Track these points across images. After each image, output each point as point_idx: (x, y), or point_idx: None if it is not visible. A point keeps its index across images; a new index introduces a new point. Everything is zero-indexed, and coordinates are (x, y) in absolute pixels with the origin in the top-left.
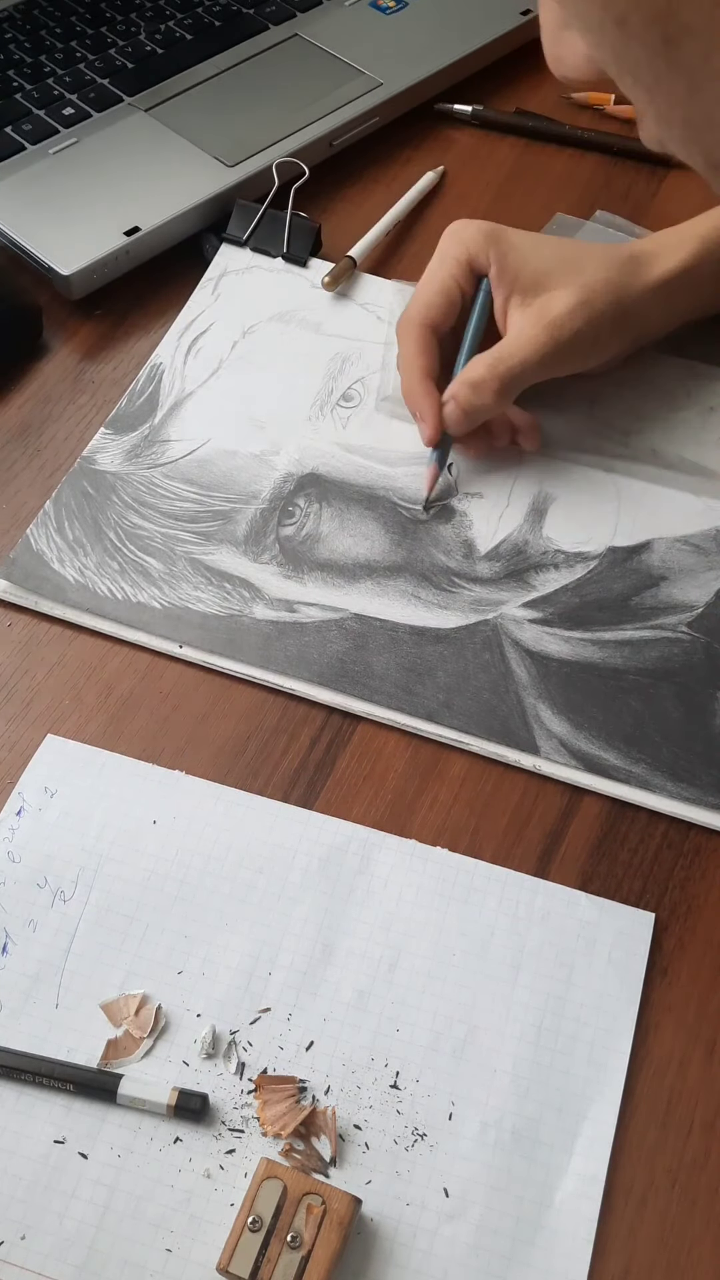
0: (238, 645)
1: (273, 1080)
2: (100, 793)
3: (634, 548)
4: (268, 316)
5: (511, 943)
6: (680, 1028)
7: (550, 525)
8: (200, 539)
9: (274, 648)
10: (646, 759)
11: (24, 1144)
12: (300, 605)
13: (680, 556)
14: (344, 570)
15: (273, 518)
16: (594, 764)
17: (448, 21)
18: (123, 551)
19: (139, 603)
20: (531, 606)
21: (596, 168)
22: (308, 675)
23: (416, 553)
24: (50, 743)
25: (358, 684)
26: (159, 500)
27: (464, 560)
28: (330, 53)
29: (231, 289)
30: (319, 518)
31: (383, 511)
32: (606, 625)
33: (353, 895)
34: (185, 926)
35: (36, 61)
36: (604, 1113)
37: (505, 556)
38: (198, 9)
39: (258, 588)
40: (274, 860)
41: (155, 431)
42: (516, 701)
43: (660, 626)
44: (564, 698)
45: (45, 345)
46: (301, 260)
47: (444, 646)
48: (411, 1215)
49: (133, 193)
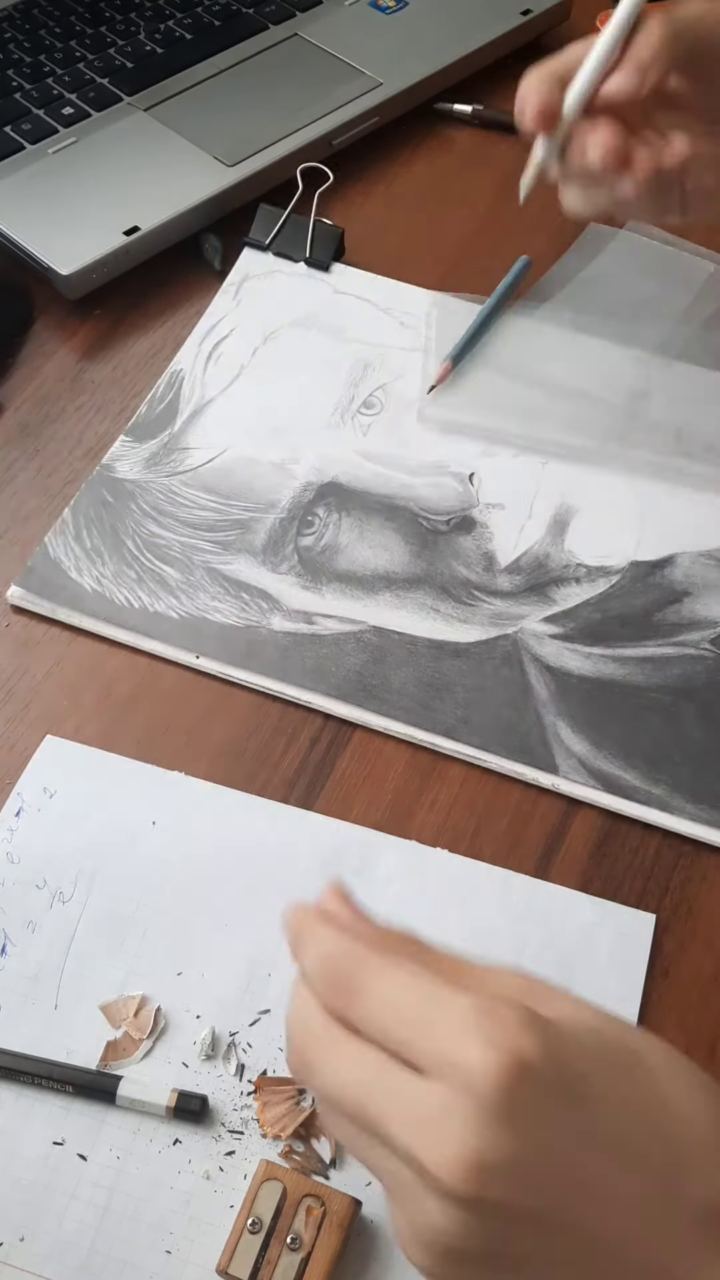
0: (255, 657)
1: (272, 1082)
2: (99, 793)
3: (657, 562)
4: (289, 322)
5: (512, 944)
6: (680, 1028)
7: (572, 538)
8: (219, 548)
9: (291, 660)
10: (667, 779)
11: (23, 1145)
12: (318, 617)
13: (704, 571)
14: (363, 582)
15: (291, 527)
16: (613, 784)
17: (448, 21)
18: (140, 560)
19: (156, 612)
20: (552, 621)
21: None
22: (325, 689)
23: (436, 565)
24: (49, 743)
25: (375, 698)
26: (178, 509)
27: (484, 573)
28: (330, 52)
29: (253, 294)
30: (338, 528)
31: (403, 522)
32: (628, 641)
33: (353, 895)
34: (185, 928)
35: (36, 61)
36: None
37: (526, 570)
38: (197, 8)
39: (276, 599)
40: (274, 861)
41: (175, 439)
42: (536, 718)
43: (683, 643)
44: (584, 715)
45: (40, 338)
46: (324, 265)
47: (463, 661)
48: None
49: (132, 192)
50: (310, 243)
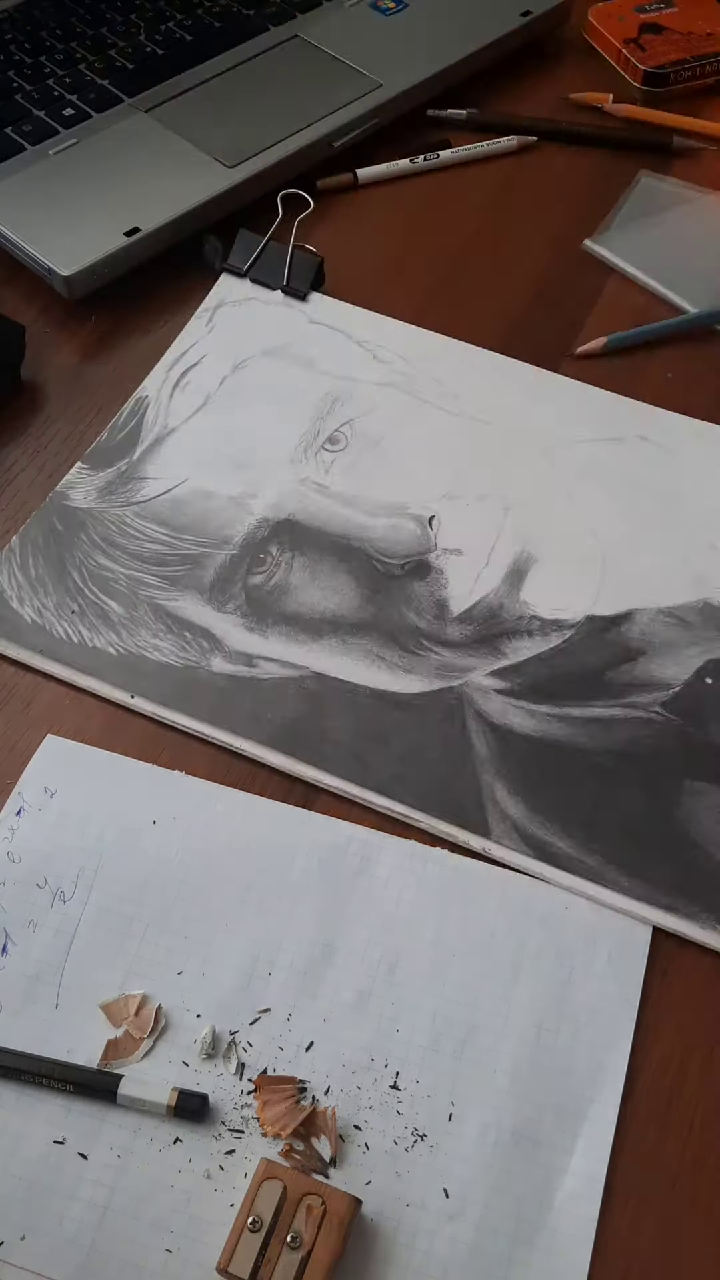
0: (190, 699)
1: (272, 1081)
2: (100, 793)
3: (614, 617)
4: (260, 351)
5: (511, 943)
6: (680, 1028)
7: (529, 588)
8: (165, 584)
9: (228, 704)
10: (602, 849)
11: (24, 1144)
12: (260, 660)
13: (662, 629)
14: (309, 625)
15: (242, 565)
16: (545, 851)
17: (448, 23)
18: (84, 593)
19: (95, 648)
20: (500, 675)
21: (597, 164)
22: (259, 736)
23: (387, 610)
24: (50, 743)
25: (309, 749)
26: (128, 541)
27: (435, 621)
28: (330, 54)
29: (226, 320)
30: (290, 567)
31: (356, 564)
32: (577, 700)
33: (352, 896)
34: (185, 927)
35: (36, 62)
36: (604, 1113)
37: (478, 620)
38: (198, 10)
39: (218, 638)
40: (274, 861)
41: (133, 468)
42: (473, 777)
43: (633, 705)
44: (522, 776)
45: (40, 339)
46: (301, 294)
47: (404, 713)
48: (411, 1216)
49: (133, 193)
50: (288, 270)
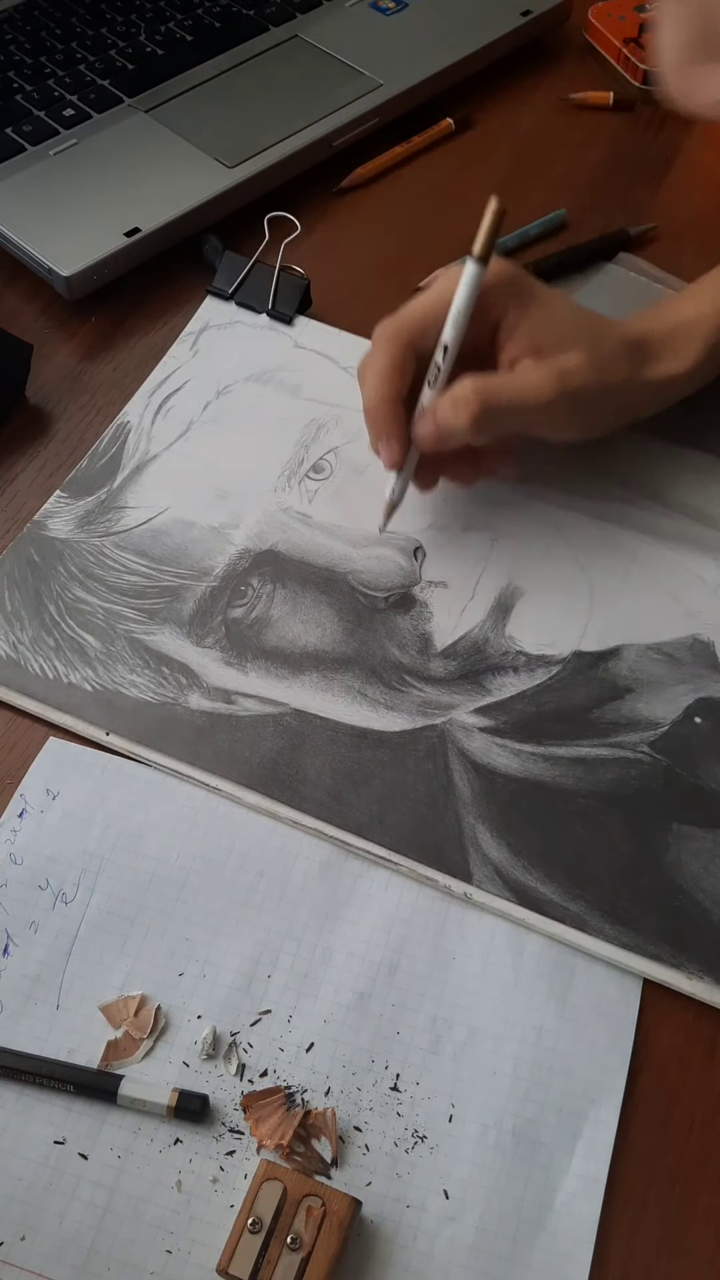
0: (166, 737)
1: (258, 1096)
2: (102, 795)
3: (602, 653)
4: (245, 376)
5: (512, 945)
6: (680, 1027)
7: (515, 623)
8: (143, 617)
9: (204, 742)
10: (586, 895)
11: (24, 1145)
12: (238, 696)
13: (651, 666)
14: (290, 660)
15: (223, 597)
16: (528, 897)
17: (448, 22)
18: (61, 627)
19: (70, 684)
20: (483, 713)
21: (595, 168)
22: (235, 776)
23: (369, 645)
24: (52, 745)
25: (287, 789)
26: (106, 572)
27: (418, 656)
28: (330, 54)
29: (211, 345)
30: (271, 600)
31: (339, 596)
32: (562, 740)
33: (353, 898)
34: (186, 929)
35: (37, 63)
36: (605, 1114)
37: (463, 655)
38: (198, 10)
39: (196, 674)
40: (275, 863)
41: (112, 497)
42: (455, 820)
43: (620, 745)
44: (505, 819)
45: (40, 339)
46: (287, 318)
47: (385, 752)
48: (411, 1217)
49: (133, 193)
50: (274, 293)
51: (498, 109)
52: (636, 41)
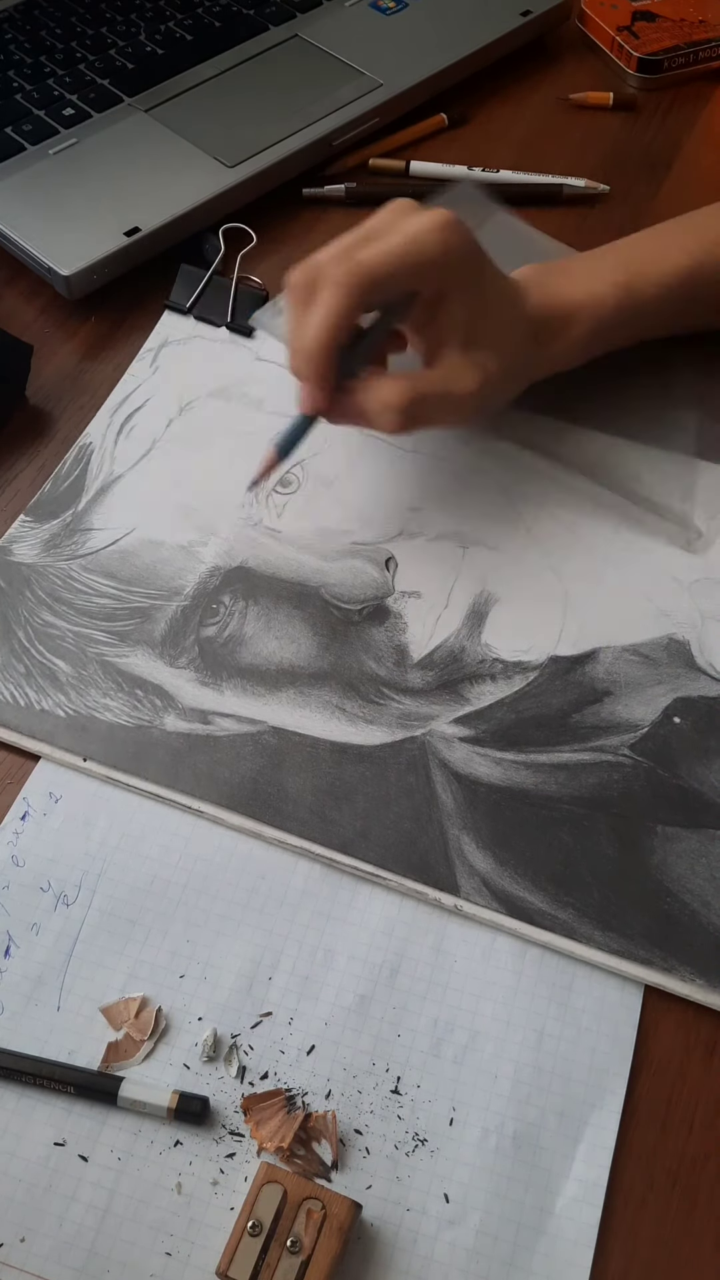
0: (144, 761)
1: (258, 1099)
2: (104, 798)
3: (578, 657)
4: (207, 392)
5: (513, 949)
6: (680, 1027)
7: (490, 630)
8: (115, 639)
9: (183, 764)
10: (574, 902)
11: (24, 1146)
12: (215, 716)
13: (627, 668)
14: (265, 677)
15: (194, 616)
16: (516, 907)
17: (448, 22)
18: (31, 653)
19: (43, 710)
20: (463, 723)
21: (595, 168)
22: (216, 797)
23: (345, 658)
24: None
25: (269, 808)
26: (75, 596)
27: (395, 668)
28: (330, 53)
29: (171, 361)
30: (244, 617)
31: (312, 611)
32: (543, 746)
33: (354, 900)
34: (187, 931)
35: (37, 62)
36: (606, 1118)
37: (439, 665)
38: (198, 9)
39: (171, 695)
40: (276, 865)
41: (78, 519)
42: (439, 832)
43: (601, 749)
44: (490, 829)
45: (40, 339)
46: (246, 330)
47: (366, 767)
48: (412, 1220)
49: (133, 193)
50: (232, 306)
51: (497, 109)
52: (630, 30)
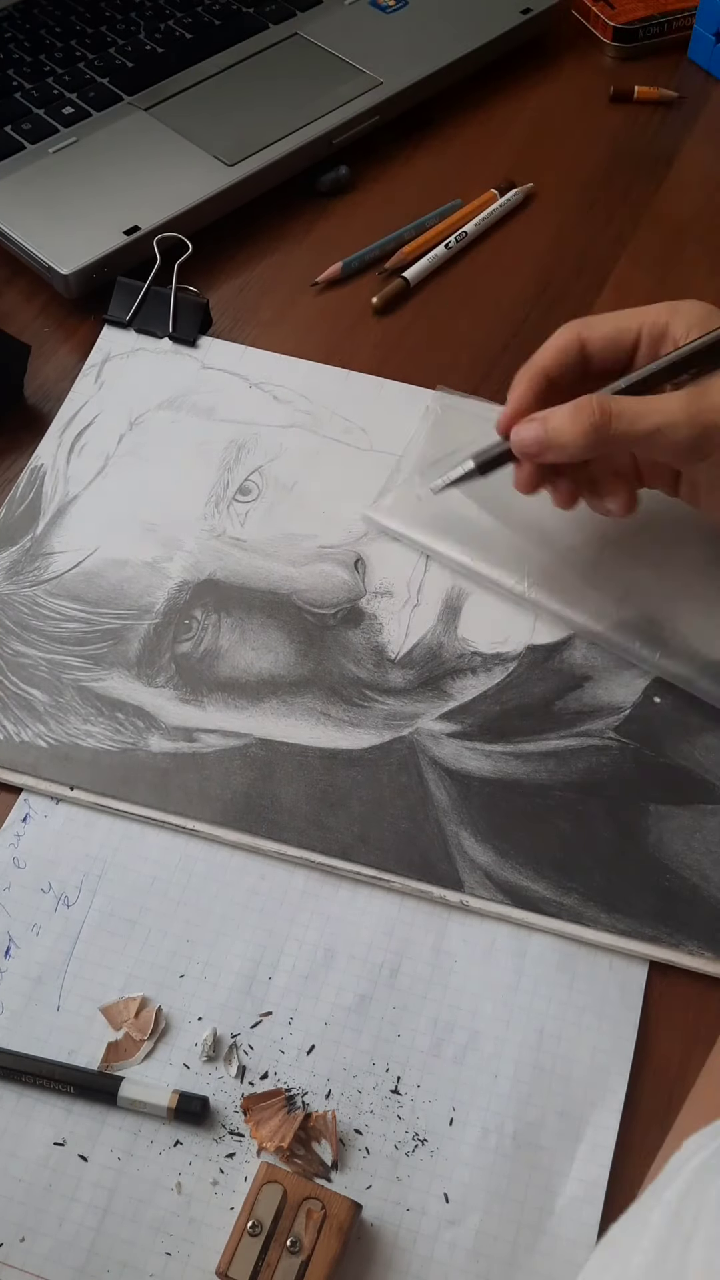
0: (132, 784)
1: (258, 1099)
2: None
3: (554, 645)
4: (156, 404)
5: (513, 947)
6: (680, 1027)
7: (466, 624)
8: (89, 664)
9: (172, 785)
10: (578, 888)
11: (24, 1146)
12: (200, 733)
13: (603, 652)
14: (247, 689)
15: (168, 633)
16: (522, 897)
17: (448, 20)
18: (4, 684)
19: (23, 742)
20: (449, 718)
21: (595, 167)
22: (210, 815)
23: (324, 663)
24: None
25: (264, 821)
26: (43, 622)
27: (375, 669)
28: (330, 51)
29: (116, 375)
30: (218, 630)
31: (287, 618)
32: (529, 735)
33: (354, 900)
34: (187, 931)
35: (36, 60)
36: (606, 1118)
37: (419, 662)
38: (197, 8)
39: (153, 716)
40: (276, 865)
41: (37, 544)
42: (437, 829)
43: (586, 733)
44: (487, 822)
45: (40, 338)
46: (190, 340)
47: (357, 770)
48: (411, 1220)
49: (132, 192)
50: (173, 316)
51: (497, 107)
52: (607, 1)
